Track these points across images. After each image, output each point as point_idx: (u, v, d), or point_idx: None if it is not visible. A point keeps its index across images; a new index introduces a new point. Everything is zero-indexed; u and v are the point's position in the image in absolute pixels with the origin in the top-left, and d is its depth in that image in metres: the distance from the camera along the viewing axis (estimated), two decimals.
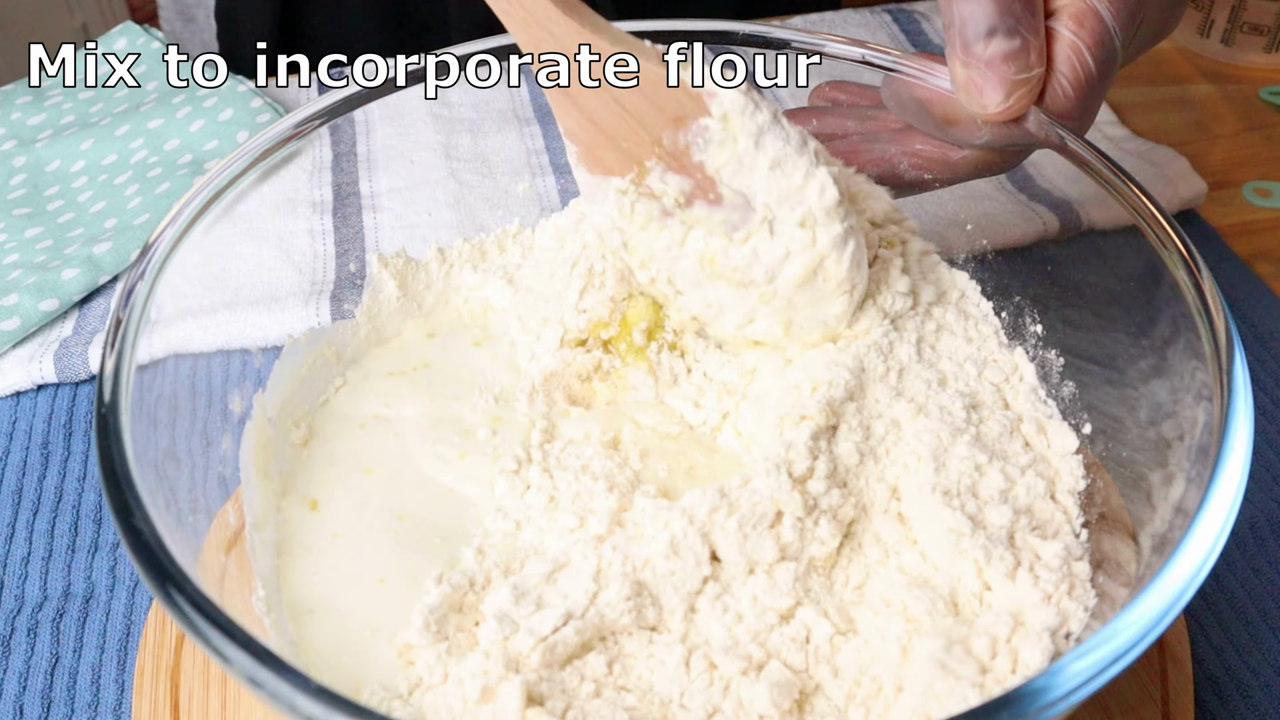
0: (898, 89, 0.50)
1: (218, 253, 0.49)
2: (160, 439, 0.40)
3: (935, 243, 0.52)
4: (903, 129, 0.50)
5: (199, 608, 0.31)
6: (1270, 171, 0.78)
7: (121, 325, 0.39)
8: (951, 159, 0.49)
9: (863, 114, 0.53)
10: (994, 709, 0.29)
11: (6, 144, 0.78)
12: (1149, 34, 0.50)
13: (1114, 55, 0.46)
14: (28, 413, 0.62)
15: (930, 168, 0.49)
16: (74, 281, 0.66)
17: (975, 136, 0.48)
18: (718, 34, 0.52)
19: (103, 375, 0.38)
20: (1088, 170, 0.44)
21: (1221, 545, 0.33)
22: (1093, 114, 0.47)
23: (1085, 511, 0.44)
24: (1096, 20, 0.45)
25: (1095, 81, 0.46)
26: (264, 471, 0.47)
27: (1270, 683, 0.50)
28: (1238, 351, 0.37)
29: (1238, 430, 0.35)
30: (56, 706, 0.49)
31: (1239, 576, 0.54)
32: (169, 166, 0.75)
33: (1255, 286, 0.69)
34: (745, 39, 0.52)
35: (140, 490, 0.34)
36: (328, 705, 0.29)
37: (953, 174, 0.49)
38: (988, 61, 0.44)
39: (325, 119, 0.50)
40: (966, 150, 0.48)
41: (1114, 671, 0.31)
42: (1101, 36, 0.45)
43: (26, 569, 0.54)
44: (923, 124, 0.49)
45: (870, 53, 0.50)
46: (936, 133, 0.49)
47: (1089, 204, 0.47)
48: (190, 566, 0.33)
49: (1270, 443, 0.60)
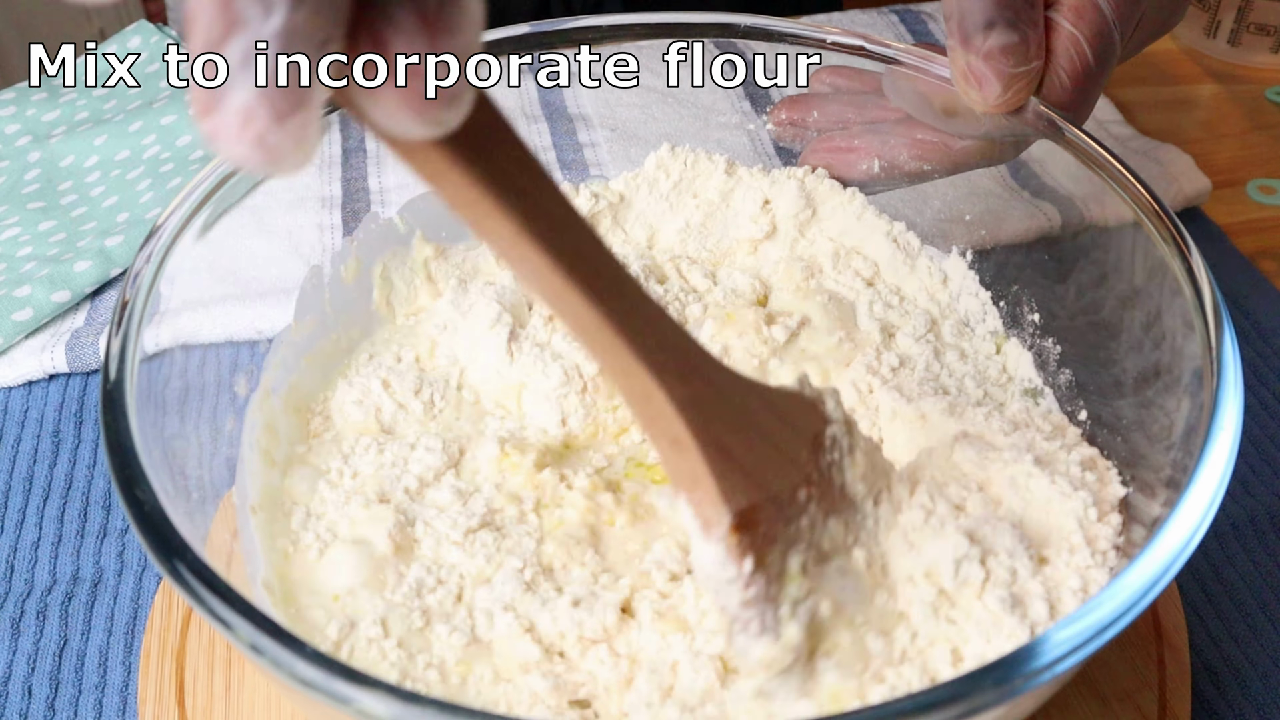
0: (898, 80, 0.51)
1: (227, 246, 0.50)
2: (168, 423, 0.41)
3: (936, 237, 0.52)
4: (903, 119, 0.51)
5: (201, 575, 0.32)
6: (1276, 170, 0.78)
7: (128, 306, 0.40)
8: (951, 149, 0.49)
9: (864, 101, 0.53)
10: (980, 676, 0.30)
11: (21, 139, 0.80)
12: (1149, 30, 0.50)
13: (1113, 48, 0.46)
14: (39, 401, 0.63)
15: (930, 158, 0.50)
16: (86, 274, 0.67)
17: (975, 127, 0.48)
18: (721, 26, 0.53)
19: (108, 356, 0.38)
20: (1083, 159, 0.45)
21: (1209, 520, 0.33)
22: (1090, 106, 0.47)
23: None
24: (1095, 13, 0.45)
25: (1093, 74, 0.46)
26: (268, 455, 0.47)
27: (1268, 674, 0.50)
28: (1227, 328, 0.37)
29: (1227, 407, 0.36)
30: (64, 688, 0.50)
31: (1239, 569, 0.54)
32: (181, 162, 0.76)
33: (1259, 283, 0.69)
34: (748, 31, 0.53)
35: (145, 464, 0.35)
36: (326, 670, 0.29)
37: (953, 164, 0.50)
38: (987, 54, 0.44)
39: (330, 109, 0.50)
40: (966, 140, 0.49)
41: (1099, 642, 0.31)
42: (1100, 29, 0.45)
43: (36, 554, 0.55)
44: (923, 115, 0.50)
45: (871, 45, 0.51)
46: (936, 123, 0.49)
47: (1090, 200, 0.48)
48: (194, 539, 0.34)
49: (1272, 438, 0.60)
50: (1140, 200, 0.43)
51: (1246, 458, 0.59)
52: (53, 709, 0.49)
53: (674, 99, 0.76)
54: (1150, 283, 0.42)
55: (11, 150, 0.79)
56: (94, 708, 0.49)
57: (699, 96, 0.71)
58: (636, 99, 0.78)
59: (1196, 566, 0.54)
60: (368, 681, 0.29)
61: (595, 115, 0.79)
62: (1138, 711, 0.46)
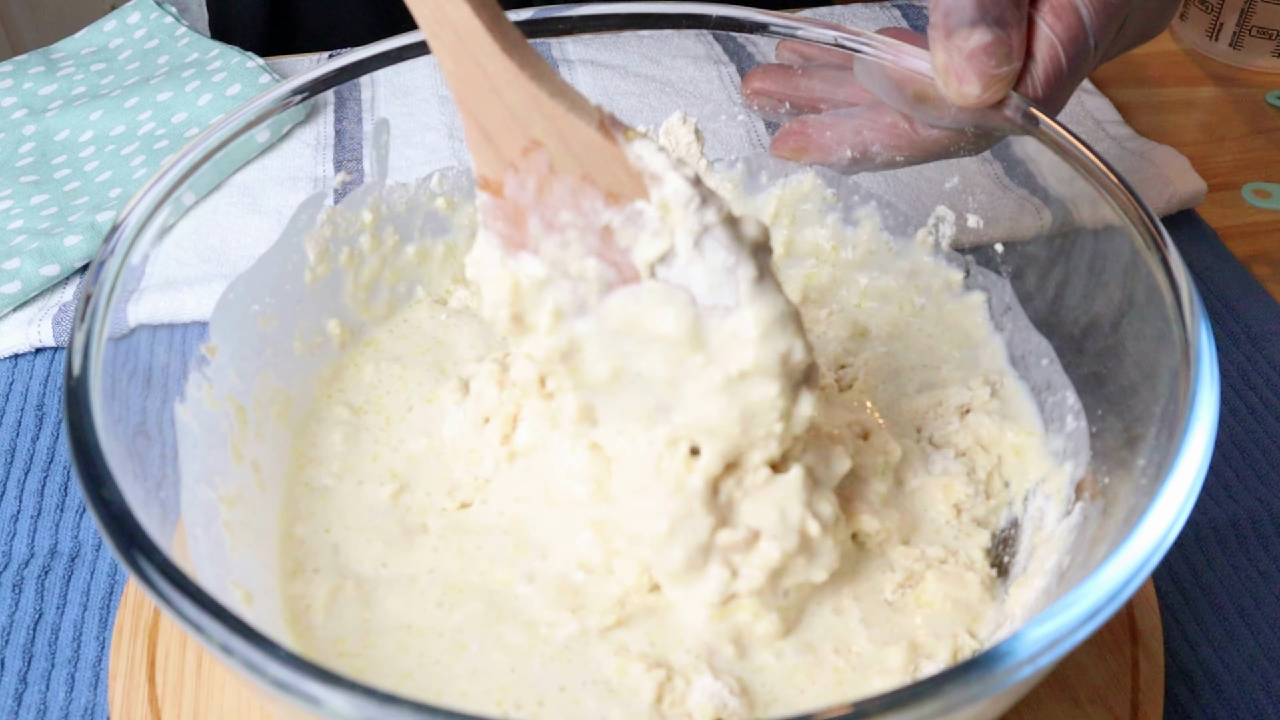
0: (870, 66, 0.51)
1: (216, 225, 0.50)
2: (131, 414, 0.40)
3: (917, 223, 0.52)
4: (875, 103, 0.51)
5: (165, 574, 0.31)
6: (1273, 174, 0.78)
7: (91, 299, 0.39)
8: (922, 136, 0.49)
9: (839, 79, 0.53)
10: (959, 673, 0.30)
11: (17, 113, 0.79)
12: (1134, 34, 0.51)
13: (1087, 54, 0.47)
14: (25, 375, 0.63)
15: (902, 147, 0.50)
16: (76, 248, 0.67)
17: (946, 116, 0.48)
18: (691, 17, 0.52)
19: (72, 348, 0.38)
20: (1059, 151, 0.45)
21: (1185, 516, 0.33)
22: (1059, 107, 0.48)
23: None
24: (1074, 17, 0.46)
25: (1065, 78, 0.47)
26: (237, 451, 0.47)
27: (1243, 678, 0.50)
28: (1202, 321, 0.37)
29: (1204, 396, 0.36)
30: (37, 660, 0.50)
31: (1218, 573, 0.54)
32: (176, 139, 0.76)
33: (1250, 287, 0.68)
34: (719, 22, 0.52)
35: (110, 461, 0.34)
36: (296, 671, 0.29)
37: (923, 153, 0.50)
38: (969, 53, 0.45)
39: (306, 94, 0.50)
40: (937, 130, 0.49)
41: (1076, 638, 0.31)
42: (1076, 34, 0.46)
43: (15, 526, 0.55)
44: (894, 101, 0.50)
45: (843, 35, 0.51)
46: (907, 110, 0.49)
47: (1078, 199, 0.47)
48: (160, 536, 0.33)
49: (1257, 442, 0.60)
50: (1116, 194, 0.43)
51: (1230, 461, 0.59)
52: (25, 682, 0.49)
53: (671, 88, 0.76)
54: (1120, 264, 0.43)
55: (7, 123, 0.79)
56: (66, 681, 0.49)
57: (696, 86, 0.71)
58: (634, 88, 0.78)
59: (1176, 570, 0.54)
60: (337, 681, 0.29)
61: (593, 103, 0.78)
62: (1109, 712, 0.46)
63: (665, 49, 0.78)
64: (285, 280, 0.52)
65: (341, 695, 0.29)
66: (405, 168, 0.73)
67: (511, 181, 0.40)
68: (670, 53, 0.78)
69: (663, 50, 0.79)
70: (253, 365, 0.50)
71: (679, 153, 0.57)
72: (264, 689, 0.30)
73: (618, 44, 0.81)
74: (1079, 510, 0.44)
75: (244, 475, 0.46)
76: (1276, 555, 0.55)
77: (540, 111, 0.38)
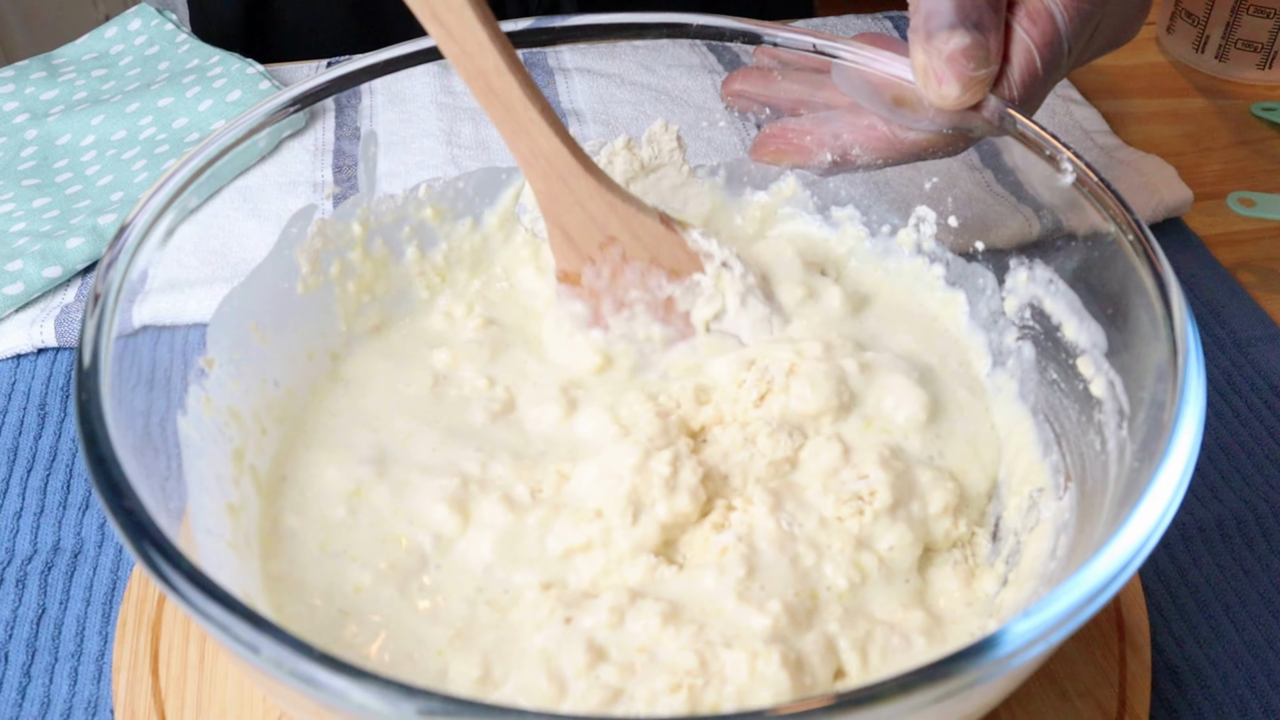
0: (847, 71, 0.52)
1: (217, 228, 0.50)
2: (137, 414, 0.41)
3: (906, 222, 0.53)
4: (853, 106, 0.52)
5: (167, 555, 0.32)
6: (1258, 184, 0.79)
7: (100, 300, 0.40)
8: (900, 138, 0.50)
9: (819, 81, 0.54)
10: (945, 664, 0.30)
11: (19, 117, 0.80)
12: (1105, 40, 0.52)
13: (1061, 58, 0.48)
14: (27, 375, 0.63)
15: (881, 150, 0.51)
16: (78, 250, 0.68)
17: (924, 119, 0.49)
18: (672, 26, 0.53)
19: (82, 341, 0.38)
20: (1036, 151, 0.46)
21: (1171, 515, 0.34)
22: (1035, 107, 0.49)
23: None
24: (1049, 22, 0.47)
25: (1040, 81, 0.48)
26: (238, 458, 0.47)
27: (1229, 674, 0.51)
28: (1189, 325, 0.38)
29: (1190, 399, 0.36)
30: (41, 655, 0.50)
31: (1205, 572, 0.55)
32: (176, 144, 0.77)
33: (1236, 294, 0.70)
34: (699, 31, 0.53)
35: (119, 453, 0.35)
36: (296, 652, 0.30)
37: (902, 155, 0.51)
38: (949, 56, 0.46)
39: (300, 106, 0.50)
40: (915, 132, 0.50)
41: (1062, 633, 0.32)
42: (1051, 38, 0.47)
43: (18, 523, 0.56)
44: (872, 105, 0.51)
45: (821, 42, 0.52)
46: (885, 113, 0.50)
47: (1067, 205, 0.48)
48: (169, 528, 0.34)
49: (1242, 445, 0.61)
50: (1100, 196, 0.44)
51: (1216, 464, 0.60)
52: (29, 675, 0.49)
53: (668, 96, 0.77)
54: (1108, 268, 0.44)
55: (9, 127, 0.79)
56: (69, 675, 0.49)
57: (689, 94, 0.72)
58: (629, 95, 0.79)
59: (1163, 569, 0.55)
60: (356, 674, 0.29)
61: (589, 111, 0.79)
62: (1098, 707, 0.47)
63: (659, 58, 0.79)
64: (279, 292, 0.53)
65: (368, 690, 0.29)
66: (403, 173, 0.74)
67: (589, 272, 0.51)
68: (665, 61, 0.79)
69: (657, 59, 0.80)
70: (251, 376, 0.50)
71: (661, 159, 0.59)
72: (292, 685, 0.30)
73: (613, 53, 0.82)
74: (1066, 508, 0.44)
75: (244, 482, 0.47)
76: (1261, 554, 0.56)
77: (615, 214, 0.49)
